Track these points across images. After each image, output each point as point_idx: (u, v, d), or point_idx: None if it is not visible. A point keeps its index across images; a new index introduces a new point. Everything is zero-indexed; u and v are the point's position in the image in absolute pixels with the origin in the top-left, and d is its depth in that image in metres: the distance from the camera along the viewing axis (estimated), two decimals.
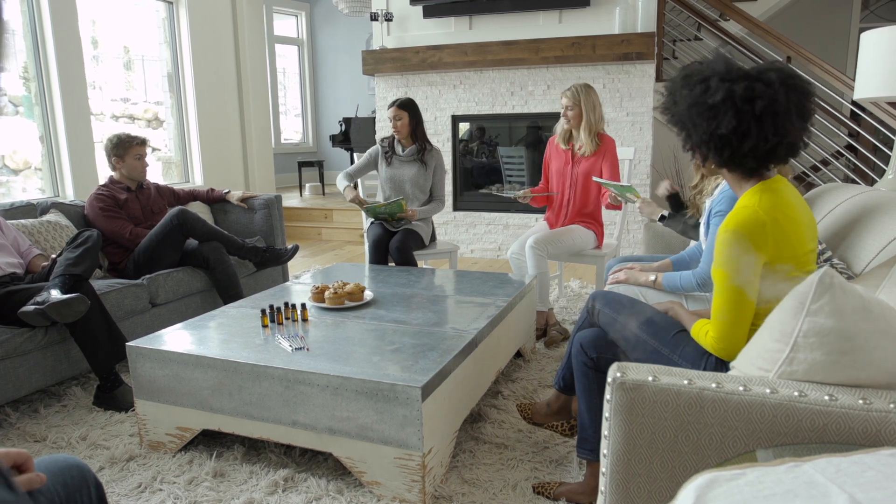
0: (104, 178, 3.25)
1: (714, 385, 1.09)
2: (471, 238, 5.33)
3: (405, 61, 5.14)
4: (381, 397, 1.71)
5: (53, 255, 2.55)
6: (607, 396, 1.16)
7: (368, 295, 2.48)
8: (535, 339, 2.97)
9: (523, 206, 4.38)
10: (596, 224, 3.20)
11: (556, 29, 4.83)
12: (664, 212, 2.40)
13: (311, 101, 9.14)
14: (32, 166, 4.56)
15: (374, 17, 5.21)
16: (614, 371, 1.16)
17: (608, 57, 4.55)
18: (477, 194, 5.40)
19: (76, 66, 4.56)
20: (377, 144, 3.53)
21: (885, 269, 1.41)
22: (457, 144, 5.30)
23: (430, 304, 2.43)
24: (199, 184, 5.94)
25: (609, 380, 1.16)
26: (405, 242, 3.20)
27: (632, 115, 4.68)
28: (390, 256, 3.26)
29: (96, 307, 2.42)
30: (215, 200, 3.67)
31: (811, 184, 5.10)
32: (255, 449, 2.05)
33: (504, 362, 2.46)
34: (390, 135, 3.49)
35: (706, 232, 1.96)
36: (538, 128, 5.20)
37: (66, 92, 4.49)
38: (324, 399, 1.79)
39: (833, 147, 4.92)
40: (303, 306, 2.27)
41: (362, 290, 2.45)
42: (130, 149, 3.12)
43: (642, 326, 1.62)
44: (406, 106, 3.35)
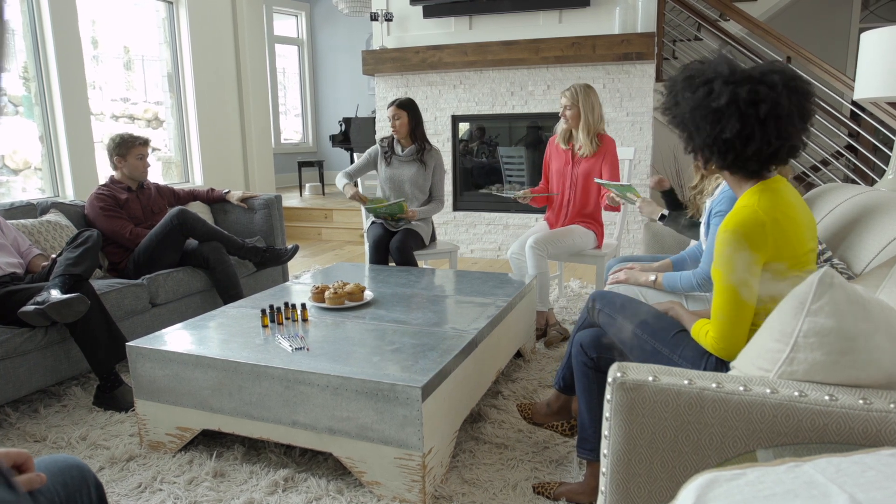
0: (104, 178, 3.25)
1: (714, 385, 1.09)
2: (471, 238, 5.33)
3: (405, 61, 5.13)
4: (382, 397, 1.71)
5: (53, 255, 2.55)
6: (608, 396, 1.16)
7: (368, 295, 2.48)
8: (535, 339, 2.97)
9: (523, 206, 4.37)
10: (596, 224, 3.20)
11: (556, 29, 4.83)
12: (664, 211, 2.40)
13: (311, 101, 9.14)
14: (32, 166, 4.56)
15: (374, 17, 5.21)
16: (614, 371, 1.16)
17: (608, 57, 4.55)
18: (477, 194, 5.40)
19: (76, 66, 4.56)
20: (376, 144, 3.53)
21: (886, 269, 1.41)
22: (457, 144, 5.30)
23: (430, 304, 2.43)
24: (199, 184, 5.94)
25: (609, 380, 1.16)
26: (405, 242, 3.20)
27: (632, 115, 4.68)
28: (390, 256, 3.26)
29: (96, 307, 2.42)
30: (215, 200, 3.67)
31: (811, 184, 5.10)
32: (255, 449, 2.05)
33: (504, 362, 2.46)
34: (390, 135, 3.49)
35: (706, 232, 1.96)
36: (538, 128, 5.20)
37: (66, 92, 4.49)
38: (324, 399, 1.79)
39: (833, 147, 4.92)
40: (303, 306, 2.27)
41: (362, 290, 2.45)
42: (133, 148, 3.13)
43: (642, 326, 1.62)
44: (405, 105, 3.35)
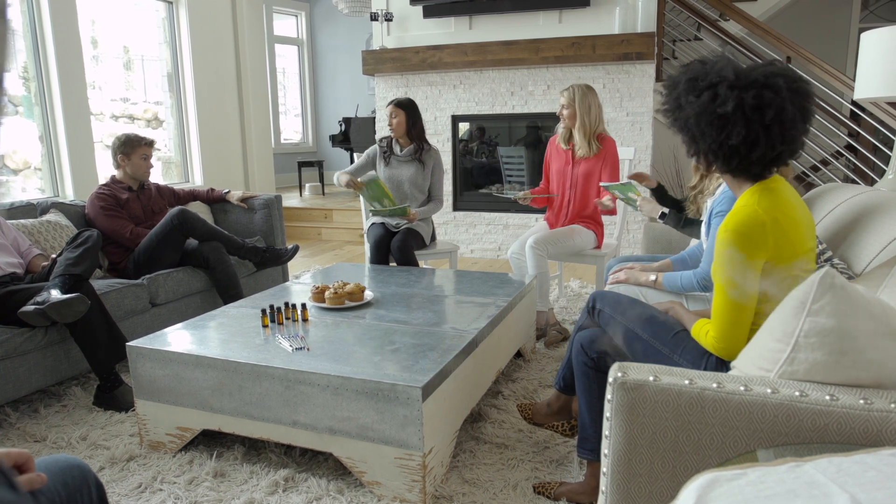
0: (104, 178, 3.25)
1: (715, 385, 1.09)
2: (471, 238, 5.33)
3: (405, 61, 5.13)
4: (382, 397, 1.71)
5: (53, 255, 2.55)
6: (608, 396, 1.16)
7: (368, 295, 2.48)
8: (535, 339, 2.97)
9: (523, 207, 4.37)
10: (596, 224, 3.20)
11: (556, 29, 4.83)
12: (664, 209, 2.39)
13: (311, 101, 9.14)
14: (32, 166, 4.56)
15: (374, 17, 5.21)
16: (615, 371, 1.16)
17: (608, 57, 4.55)
18: (477, 194, 5.40)
19: (76, 66, 4.56)
20: (375, 144, 3.53)
21: (886, 269, 1.41)
22: (457, 144, 5.29)
23: (431, 304, 2.43)
24: (199, 184, 5.94)
25: (610, 380, 1.16)
26: (407, 242, 3.20)
27: (632, 115, 4.68)
28: (391, 256, 3.26)
29: (96, 307, 2.42)
30: (215, 200, 3.67)
31: (811, 184, 5.10)
32: (256, 449, 2.05)
33: (504, 362, 2.46)
34: (389, 135, 3.49)
35: (707, 232, 1.96)
36: (538, 128, 5.20)
37: (66, 92, 4.49)
38: (324, 399, 1.79)
39: (833, 147, 4.92)
40: (303, 306, 2.26)
41: (362, 290, 2.45)
42: (138, 148, 3.14)
43: (642, 326, 1.62)
44: (403, 105, 3.36)
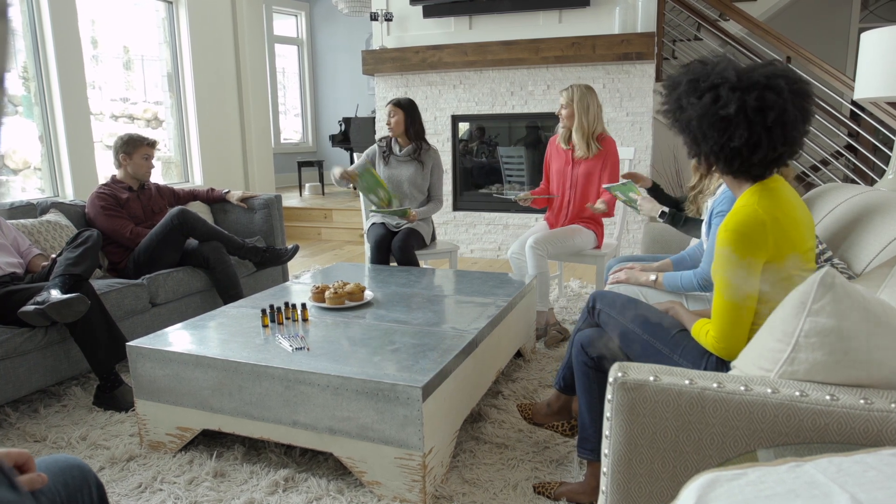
0: (104, 178, 3.25)
1: (715, 385, 1.09)
2: (471, 238, 5.33)
3: (405, 61, 5.13)
4: (382, 397, 1.71)
5: (53, 255, 2.55)
6: (608, 396, 1.16)
7: (368, 295, 2.48)
8: (535, 339, 2.97)
9: (523, 206, 4.36)
10: (596, 224, 3.20)
11: (556, 29, 4.83)
12: (664, 208, 2.39)
13: (311, 101, 9.13)
14: (32, 166, 4.56)
15: (374, 17, 5.21)
16: (615, 371, 1.16)
17: (608, 57, 4.55)
18: (477, 194, 5.40)
19: (76, 66, 4.56)
20: (375, 144, 3.53)
21: (886, 269, 1.41)
22: (457, 144, 5.29)
23: (431, 304, 2.43)
24: (199, 184, 5.94)
25: (610, 380, 1.16)
26: (407, 242, 3.20)
27: (632, 115, 4.68)
28: (392, 256, 3.26)
29: (96, 307, 2.42)
30: (215, 200, 3.67)
31: (811, 184, 5.10)
32: (256, 449, 2.05)
33: (504, 362, 2.46)
34: (389, 135, 3.49)
35: (708, 232, 1.96)
36: (538, 128, 5.20)
37: (66, 92, 4.49)
38: (324, 399, 1.79)
39: (833, 147, 4.92)
40: (303, 306, 2.26)
41: (362, 290, 2.45)
42: (140, 148, 3.15)
43: (643, 326, 1.62)
44: (402, 104, 3.36)
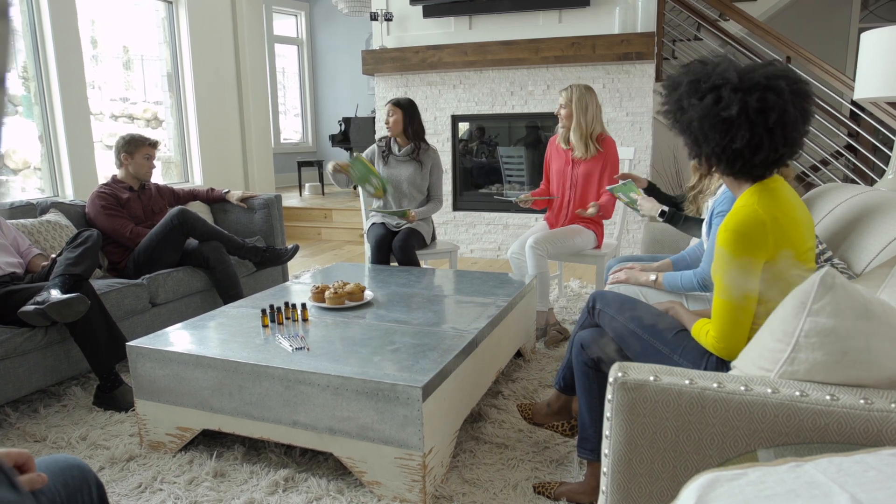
0: (103, 178, 3.25)
1: (715, 385, 1.09)
2: (471, 238, 5.33)
3: (405, 61, 5.13)
4: (382, 397, 1.71)
5: (53, 255, 2.55)
6: (609, 396, 1.16)
7: (368, 295, 2.48)
8: (535, 339, 2.97)
9: (523, 207, 4.37)
10: (596, 224, 3.20)
11: (556, 29, 4.83)
12: (664, 208, 2.39)
13: (311, 101, 9.13)
14: (31, 166, 4.56)
15: (374, 17, 5.21)
16: (615, 371, 1.16)
17: (608, 57, 4.55)
18: (477, 194, 5.40)
19: (76, 66, 4.56)
20: (374, 144, 3.53)
21: (886, 269, 1.41)
22: (456, 144, 5.29)
23: (430, 304, 2.43)
24: (199, 183, 5.94)
25: (610, 380, 1.16)
26: (408, 242, 3.20)
27: (632, 115, 4.68)
28: (392, 256, 3.26)
29: (96, 307, 2.41)
30: (215, 200, 3.67)
31: (811, 184, 5.10)
32: (256, 449, 2.05)
33: (504, 362, 2.46)
34: (389, 135, 3.49)
35: (708, 232, 1.96)
36: (538, 128, 5.20)
37: (66, 91, 4.49)
38: (324, 399, 1.79)
39: (833, 147, 4.93)
40: (303, 306, 2.26)
41: (362, 290, 2.45)
42: (142, 147, 3.15)
43: (643, 326, 1.62)
44: (401, 104, 3.36)
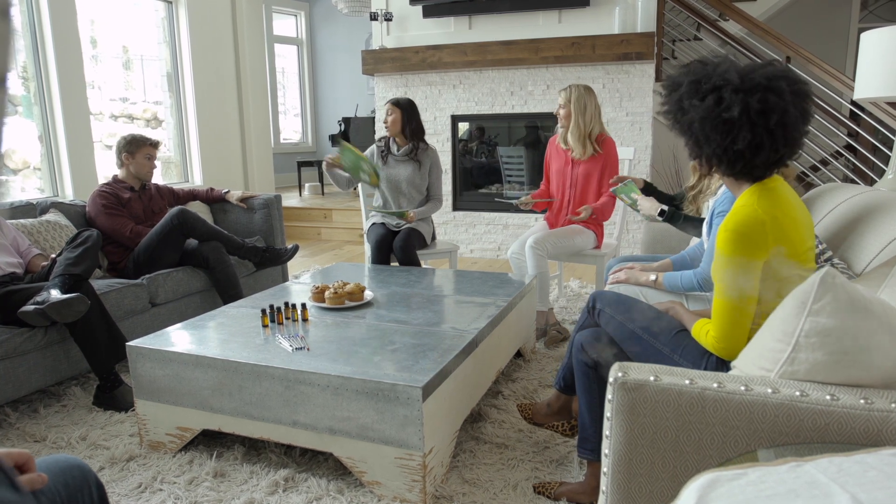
0: (103, 178, 3.25)
1: (716, 385, 1.09)
2: (470, 238, 5.33)
3: (405, 61, 5.13)
4: (382, 397, 1.71)
5: (53, 255, 2.55)
6: (609, 396, 1.16)
7: (368, 295, 2.48)
8: (535, 339, 2.97)
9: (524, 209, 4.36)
10: (595, 224, 3.20)
11: (556, 29, 4.83)
12: (663, 207, 2.38)
13: (311, 101, 9.13)
14: (31, 166, 4.56)
15: (374, 17, 5.21)
16: (616, 371, 1.16)
17: (608, 57, 4.55)
18: (476, 194, 5.40)
19: (75, 66, 4.56)
20: (374, 145, 3.53)
21: (886, 269, 1.41)
22: (456, 144, 5.29)
23: (431, 304, 2.43)
24: (199, 183, 5.94)
25: (611, 380, 1.16)
26: (409, 242, 3.20)
27: (631, 115, 4.68)
28: (393, 256, 3.26)
29: (96, 307, 2.41)
30: (215, 200, 3.66)
31: (811, 184, 5.10)
32: (256, 449, 2.05)
33: (504, 362, 2.46)
34: (388, 135, 3.49)
35: (709, 232, 1.96)
36: (537, 128, 5.20)
37: (66, 91, 4.48)
38: (324, 399, 1.79)
39: (832, 147, 4.93)
40: (303, 306, 2.26)
41: (362, 290, 2.45)
42: (143, 147, 3.16)
43: (643, 326, 1.62)
44: (400, 104, 3.36)
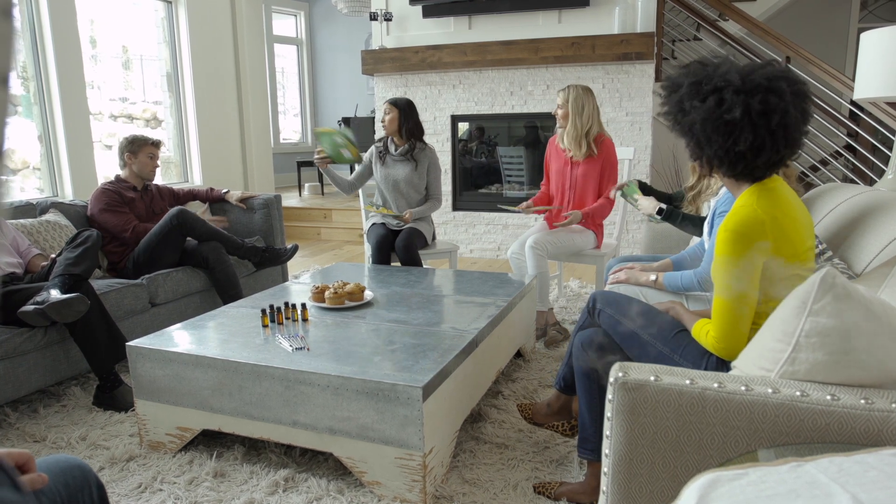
0: (103, 178, 3.25)
1: (716, 385, 1.09)
2: (470, 238, 5.33)
3: (404, 61, 5.13)
4: (382, 397, 1.71)
5: (53, 255, 2.55)
6: (609, 396, 1.16)
7: (368, 295, 2.48)
8: (535, 339, 2.97)
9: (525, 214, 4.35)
10: (595, 224, 3.20)
11: (556, 29, 4.83)
12: (662, 205, 2.38)
13: (310, 101, 9.13)
14: (31, 166, 4.55)
15: (374, 17, 5.21)
16: (616, 371, 1.16)
17: (607, 57, 4.55)
18: (476, 194, 5.40)
19: (75, 66, 4.55)
20: (373, 146, 3.53)
21: (886, 269, 1.41)
22: (456, 144, 5.29)
23: (431, 304, 2.43)
24: (198, 183, 5.93)
25: (611, 380, 1.16)
26: (411, 241, 3.20)
27: (631, 115, 4.68)
28: (394, 255, 3.26)
29: (96, 307, 2.41)
30: (214, 200, 3.66)
31: (810, 184, 5.10)
32: (256, 449, 2.05)
33: (504, 362, 2.46)
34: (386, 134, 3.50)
35: (710, 231, 1.96)
36: (537, 128, 5.20)
37: (65, 91, 4.48)
38: (324, 399, 1.79)
39: (832, 147, 4.93)
40: (303, 306, 2.26)
41: (362, 290, 2.45)
42: (145, 147, 3.17)
43: (643, 326, 1.62)
44: (399, 103, 3.36)
